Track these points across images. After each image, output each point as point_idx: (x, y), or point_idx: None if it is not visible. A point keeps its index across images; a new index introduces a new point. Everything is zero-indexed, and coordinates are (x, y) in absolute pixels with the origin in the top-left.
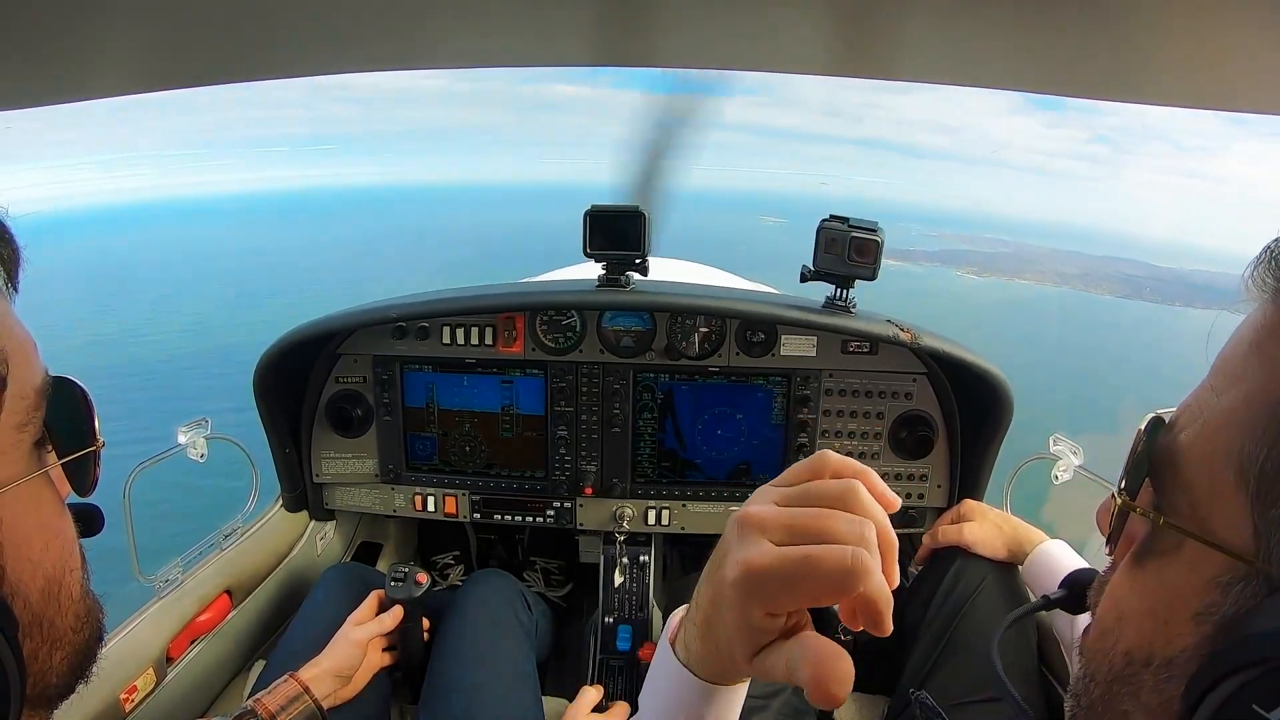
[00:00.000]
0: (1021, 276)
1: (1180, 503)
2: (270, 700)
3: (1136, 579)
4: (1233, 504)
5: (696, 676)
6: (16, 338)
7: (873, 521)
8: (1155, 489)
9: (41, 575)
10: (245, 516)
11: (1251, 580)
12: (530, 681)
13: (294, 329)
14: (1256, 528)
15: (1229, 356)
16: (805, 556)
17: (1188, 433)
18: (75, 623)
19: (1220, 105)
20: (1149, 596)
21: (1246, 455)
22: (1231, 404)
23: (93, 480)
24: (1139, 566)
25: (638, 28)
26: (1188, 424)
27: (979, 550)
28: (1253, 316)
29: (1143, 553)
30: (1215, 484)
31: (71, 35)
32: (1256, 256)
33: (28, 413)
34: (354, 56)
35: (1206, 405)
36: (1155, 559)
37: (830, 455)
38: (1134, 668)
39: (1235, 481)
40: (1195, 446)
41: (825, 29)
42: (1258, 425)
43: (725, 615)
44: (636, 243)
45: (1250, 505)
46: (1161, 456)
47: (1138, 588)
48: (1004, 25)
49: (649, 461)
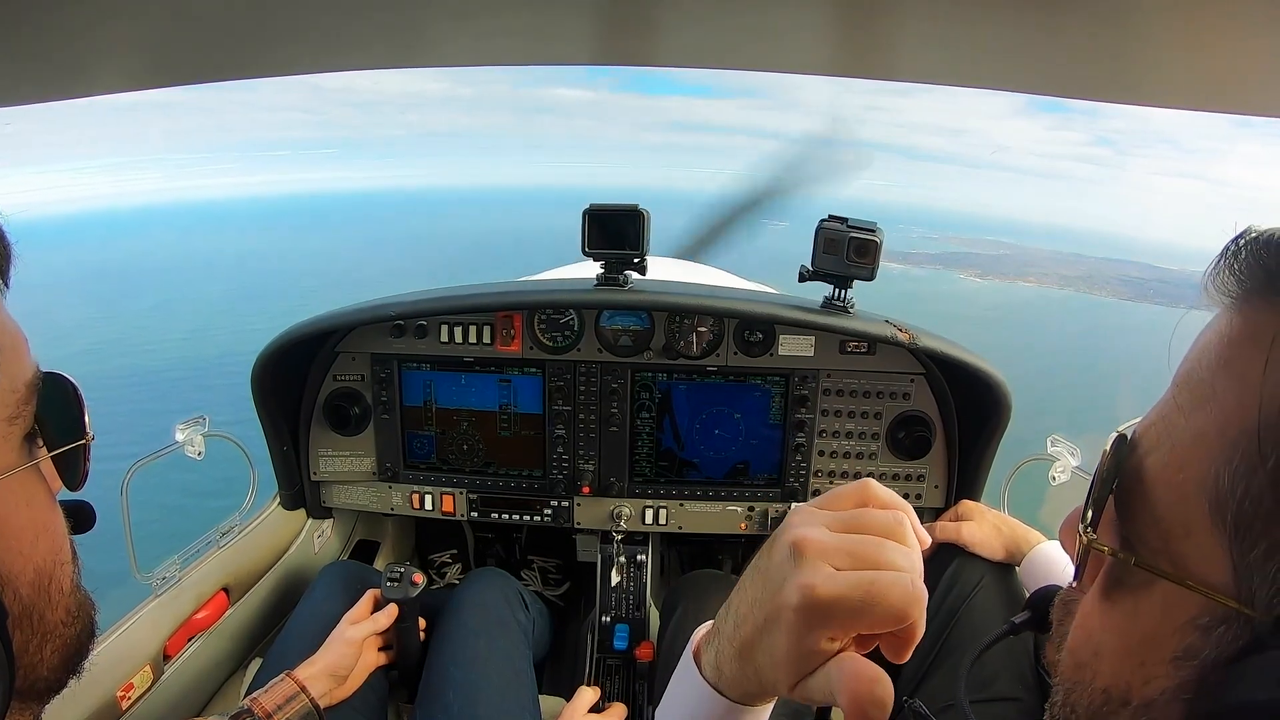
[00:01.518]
0: (1024, 279)
1: (1151, 535)
2: (267, 699)
3: (1109, 614)
4: (1208, 540)
5: (725, 697)
6: (8, 332)
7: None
8: (1123, 519)
9: (32, 568)
10: (243, 514)
11: (1233, 623)
12: (527, 680)
13: (292, 326)
14: (1235, 567)
15: (1194, 370)
16: (873, 583)
17: (1156, 457)
18: (66, 616)
19: (1220, 107)
20: (1124, 635)
21: (1221, 489)
22: (1201, 427)
23: (83, 475)
24: (1110, 600)
25: (638, 27)
26: (1154, 446)
27: (977, 550)
28: (1217, 325)
29: (1113, 585)
30: (1189, 517)
31: (72, 32)
32: (1216, 258)
33: (18, 406)
34: (353, 55)
35: (1174, 425)
36: (1127, 594)
37: (874, 485)
38: (1112, 705)
39: (1210, 517)
40: (1165, 474)
41: (825, 29)
42: (1232, 454)
43: (778, 640)
44: (635, 242)
45: (1229, 544)
46: (1129, 483)
47: (1111, 624)
48: (1003, 27)
49: (647, 461)
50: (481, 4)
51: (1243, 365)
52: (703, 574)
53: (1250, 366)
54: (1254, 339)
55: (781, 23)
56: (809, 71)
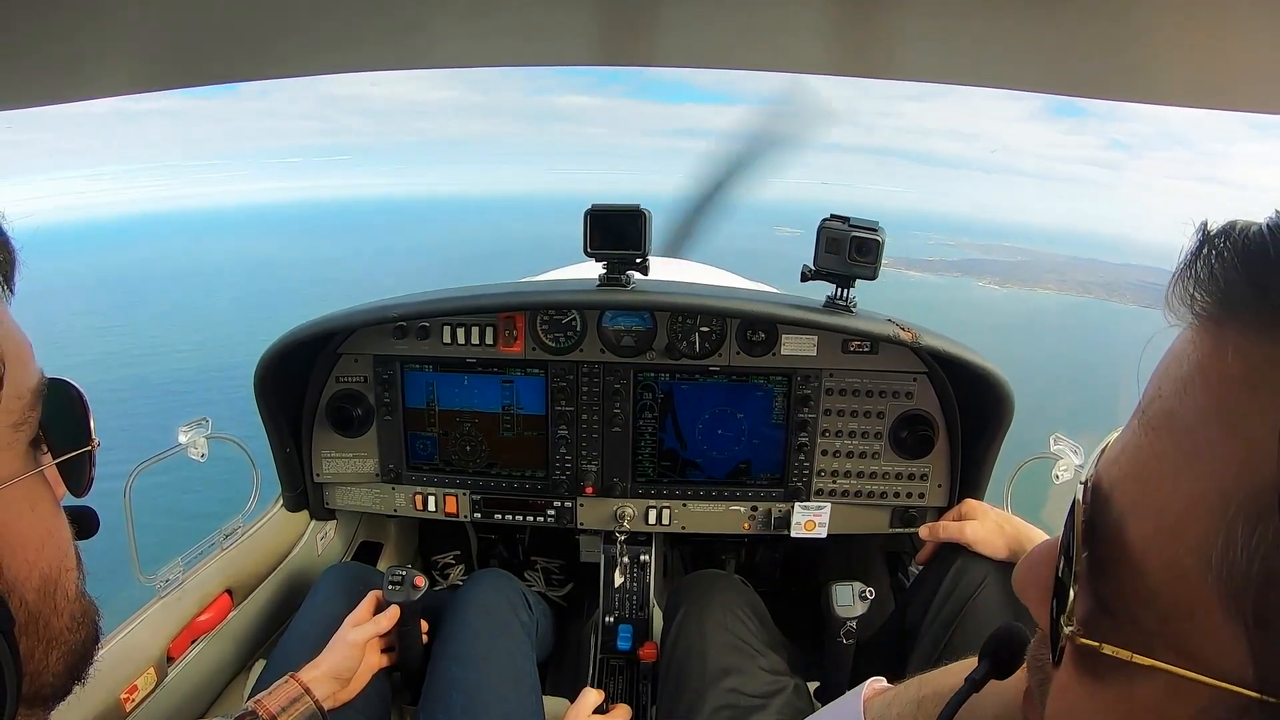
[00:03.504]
0: (1044, 286)
1: (1145, 616)
2: (271, 701)
3: (1096, 695)
4: (1217, 625)
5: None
6: (13, 339)
7: None
8: (1107, 592)
9: (37, 574)
10: (246, 516)
11: (1253, 713)
12: (530, 681)
13: (295, 328)
14: (1256, 656)
15: (1173, 410)
16: None
17: (1141, 522)
18: (71, 623)
19: (1222, 105)
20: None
21: (1234, 568)
22: (1197, 490)
23: (87, 481)
24: (1098, 679)
25: (638, 28)
26: (1134, 505)
27: (980, 549)
28: (1191, 353)
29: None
30: (1189, 598)
31: (72, 35)
32: (1179, 268)
33: (23, 412)
34: (354, 56)
35: (1160, 483)
36: (1118, 673)
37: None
38: None
39: (1220, 600)
40: (1155, 544)
41: (826, 28)
42: (1242, 525)
43: None
44: (637, 242)
45: (1246, 632)
46: (1110, 551)
47: (1100, 706)
48: (1006, 24)
49: (649, 461)
50: (482, 5)
51: (1239, 416)
52: (706, 574)
53: (1248, 418)
54: (1245, 382)
55: (782, 22)
56: (810, 71)
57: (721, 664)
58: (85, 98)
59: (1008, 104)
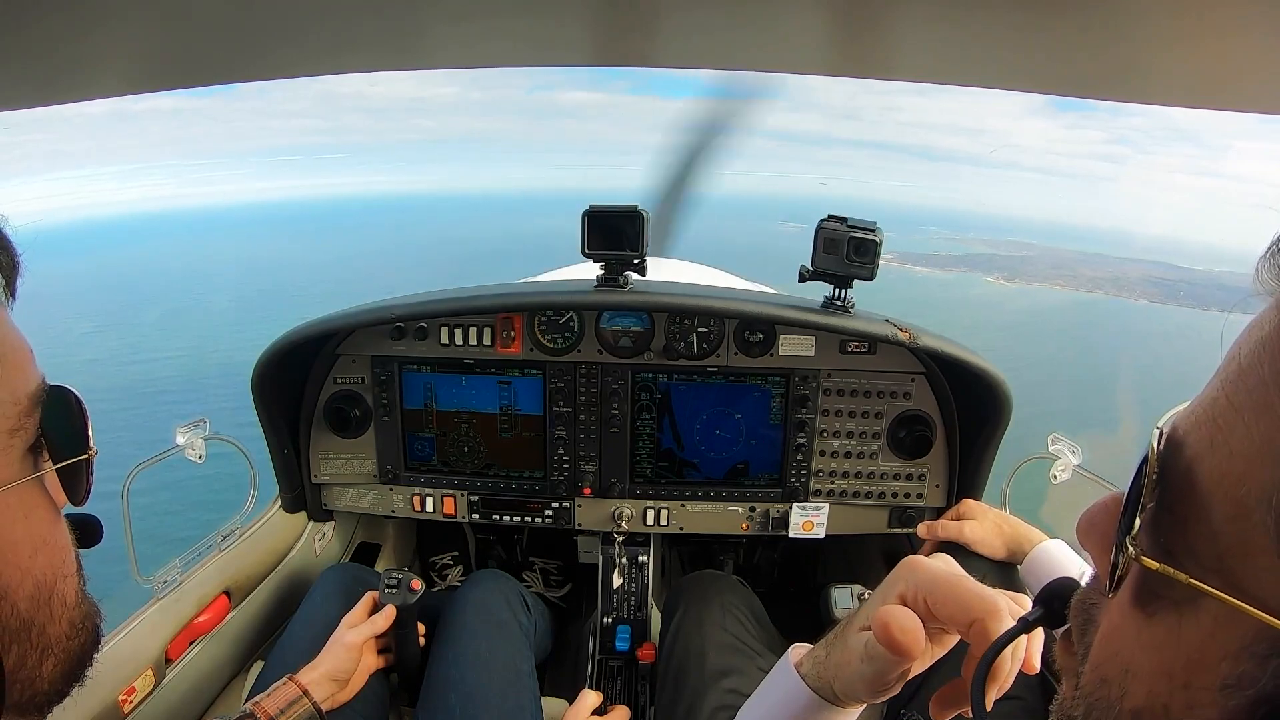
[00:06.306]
0: (1051, 282)
1: (1203, 550)
2: (269, 703)
3: (1145, 631)
4: (1270, 563)
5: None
6: (12, 344)
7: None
8: (1168, 528)
9: (31, 581)
10: (244, 517)
11: None
12: (529, 682)
13: (293, 329)
14: None
15: (1251, 369)
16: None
17: (1211, 463)
18: (69, 629)
19: (1222, 105)
20: (1163, 655)
21: None
22: (1267, 439)
23: (85, 489)
24: (1145, 613)
25: (637, 28)
26: (1206, 449)
27: (978, 549)
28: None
29: (1148, 597)
30: (1249, 536)
31: (70, 35)
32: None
33: (20, 418)
34: (354, 57)
35: (1230, 429)
36: (1168, 609)
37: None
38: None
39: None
40: (1223, 485)
41: (826, 29)
42: None
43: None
44: (635, 243)
45: None
46: (1179, 490)
47: (1148, 641)
48: (1003, 25)
49: (647, 461)
50: (481, 5)
51: None
52: (704, 574)
53: None
54: None
55: (782, 23)
56: (810, 71)
57: (720, 664)
58: (84, 98)
59: (1011, 99)
